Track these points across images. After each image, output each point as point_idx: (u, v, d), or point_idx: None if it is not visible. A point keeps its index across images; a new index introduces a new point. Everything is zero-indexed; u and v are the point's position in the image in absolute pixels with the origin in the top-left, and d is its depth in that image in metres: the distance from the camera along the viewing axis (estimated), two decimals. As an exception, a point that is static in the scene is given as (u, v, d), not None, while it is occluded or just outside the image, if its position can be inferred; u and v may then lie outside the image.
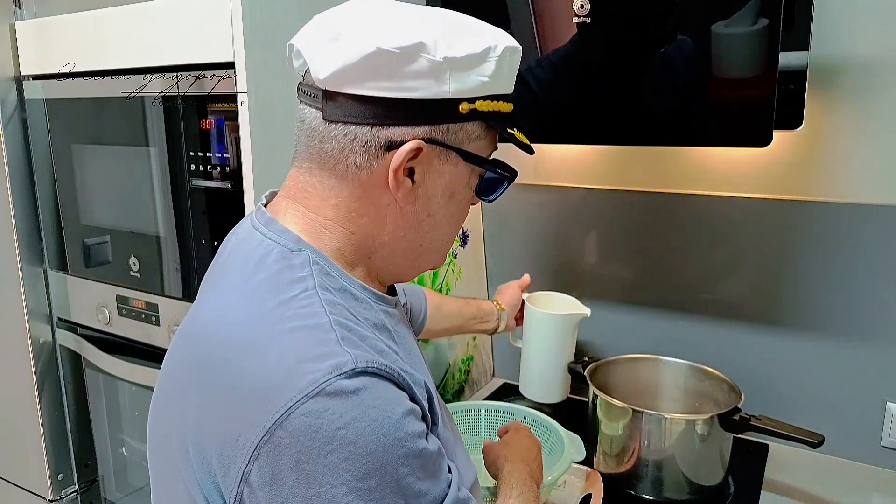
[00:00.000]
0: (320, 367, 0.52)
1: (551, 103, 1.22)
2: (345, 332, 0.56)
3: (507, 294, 1.32)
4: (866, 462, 1.28)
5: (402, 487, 0.53)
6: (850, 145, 1.21)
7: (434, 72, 0.58)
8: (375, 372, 0.54)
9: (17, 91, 1.36)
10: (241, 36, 1.00)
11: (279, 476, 0.51)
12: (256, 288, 0.60)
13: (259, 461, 0.52)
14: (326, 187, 0.63)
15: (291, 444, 0.51)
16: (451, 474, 0.60)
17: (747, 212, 1.33)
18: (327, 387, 0.51)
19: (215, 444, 0.55)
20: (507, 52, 0.62)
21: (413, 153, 0.60)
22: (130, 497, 1.50)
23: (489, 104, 0.62)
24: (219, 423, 0.55)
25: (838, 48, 1.18)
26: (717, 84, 1.06)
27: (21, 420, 1.49)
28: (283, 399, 0.51)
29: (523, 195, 1.56)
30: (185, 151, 1.14)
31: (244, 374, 0.54)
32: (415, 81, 0.58)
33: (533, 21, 1.17)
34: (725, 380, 1.22)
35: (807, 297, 1.30)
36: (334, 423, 0.51)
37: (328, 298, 0.58)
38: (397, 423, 0.53)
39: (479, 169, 0.66)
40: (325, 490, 0.50)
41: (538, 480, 0.85)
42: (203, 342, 0.60)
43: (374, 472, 0.51)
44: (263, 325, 0.56)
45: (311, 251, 0.62)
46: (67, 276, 1.41)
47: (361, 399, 0.52)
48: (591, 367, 1.28)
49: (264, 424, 0.51)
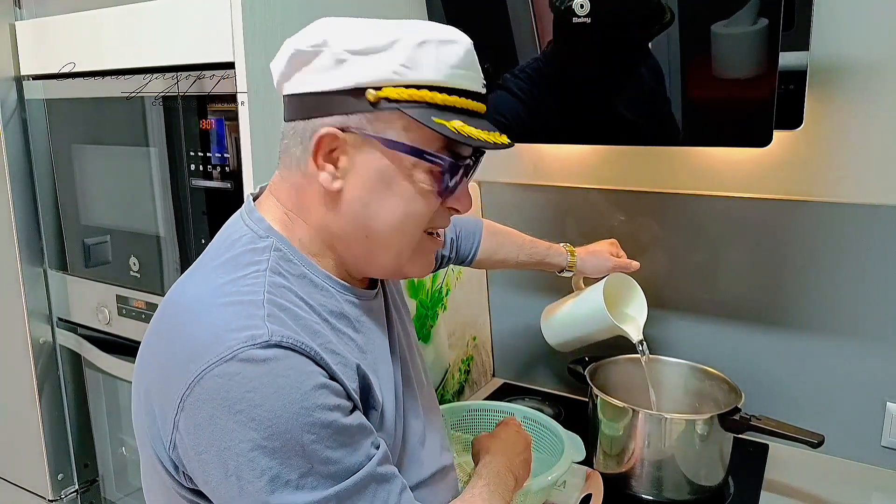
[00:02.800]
0: (238, 336, 0.58)
1: (551, 103, 1.22)
2: (274, 309, 0.61)
3: (596, 256, 1.25)
4: (866, 462, 1.28)
5: (307, 452, 0.58)
6: (850, 145, 1.21)
7: (337, 64, 0.64)
8: (290, 347, 0.59)
9: (17, 91, 1.36)
10: (241, 36, 1.00)
11: (199, 427, 0.58)
12: (219, 266, 0.66)
13: (184, 412, 0.59)
14: (285, 179, 0.70)
15: (207, 400, 0.57)
16: (377, 451, 0.64)
17: (747, 212, 1.33)
18: (240, 353, 0.57)
19: (158, 399, 0.62)
20: (431, 42, 0.64)
21: (327, 139, 0.65)
22: (130, 497, 1.50)
23: (403, 91, 0.63)
24: (163, 380, 0.62)
25: (838, 48, 1.18)
26: (717, 84, 1.06)
27: (21, 420, 1.49)
28: (203, 361, 0.57)
29: (523, 195, 1.56)
30: (185, 151, 1.14)
31: (183, 338, 0.61)
32: (323, 75, 0.64)
33: (533, 21, 1.17)
34: (725, 380, 1.22)
35: (807, 297, 1.30)
36: (243, 386, 0.56)
37: (275, 281, 0.64)
38: (305, 394, 0.58)
39: (423, 161, 0.67)
40: (234, 444, 0.57)
41: (518, 474, 0.85)
42: (165, 310, 0.67)
43: (279, 434, 0.56)
44: (209, 298, 0.63)
45: (279, 239, 0.68)
46: (67, 276, 1.41)
47: (270, 368, 0.57)
48: (591, 367, 1.28)
49: (187, 381, 0.58)
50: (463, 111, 0.66)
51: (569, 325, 1.30)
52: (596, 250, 1.26)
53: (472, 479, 0.81)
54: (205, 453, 0.58)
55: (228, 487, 0.58)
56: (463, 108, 0.66)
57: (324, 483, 0.58)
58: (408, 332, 0.85)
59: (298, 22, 0.71)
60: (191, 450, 0.59)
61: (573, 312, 1.29)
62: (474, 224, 1.18)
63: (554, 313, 1.33)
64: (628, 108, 1.15)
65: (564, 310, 1.31)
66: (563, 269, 1.24)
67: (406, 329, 0.85)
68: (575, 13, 1.10)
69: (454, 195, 0.70)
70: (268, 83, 1.04)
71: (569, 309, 1.30)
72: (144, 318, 1.28)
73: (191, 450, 0.59)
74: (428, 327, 1.40)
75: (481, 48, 0.70)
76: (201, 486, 0.61)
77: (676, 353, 1.34)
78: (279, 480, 0.57)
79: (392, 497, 0.63)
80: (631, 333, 1.24)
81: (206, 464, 0.59)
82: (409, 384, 0.79)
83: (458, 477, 0.85)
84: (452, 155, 0.68)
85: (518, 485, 0.85)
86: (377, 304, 0.77)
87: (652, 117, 1.14)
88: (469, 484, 0.80)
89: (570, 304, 1.30)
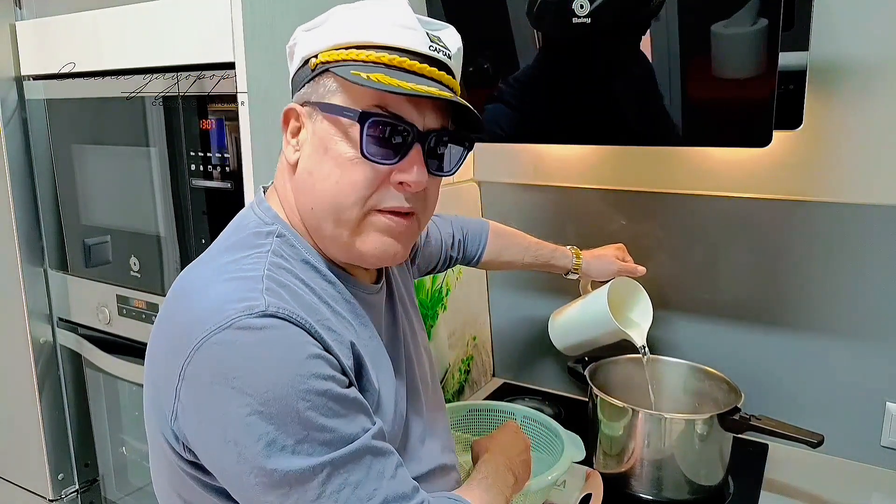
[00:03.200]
0: (236, 306, 0.59)
1: (550, 103, 1.22)
2: (273, 284, 0.63)
3: (602, 260, 1.26)
4: (866, 462, 1.28)
5: (302, 419, 0.58)
6: (850, 145, 1.21)
7: (296, 46, 0.70)
8: (285, 318, 0.60)
9: (18, 91, 1.36)
10: (241, 36, 1.00)
11: (198, 394, 0.59)
12: (225, 249, 0.69)
13: (185, 381, 0.60)
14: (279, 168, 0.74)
15: (206, 368, 0.59)
16: (373, 427, 0.64)
17: (747, 212, 1.33)
18: (237, 322, 0.58)
19: (164, 371, 0.63)
20: (364, 7, 0.67)
21: (291, 114, 0.70)
22: (131, 497, 1.50)
23: (333, 53, 0.66)
24: (168, 352, 0.63)
25: (838, 48, 1.18)
26: (717, 84, 1.06)
27: (21, 420, 1.49)
28: (202, 329, 0.59)
29: (523, 195, 1.56)
30: (185, 151, 1.14)
31: (184, 312, 0.63)
32: (292, 63, 0.72)
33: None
34: (725, 380, 1.22)
35: (807, 297, 1.30)
36: (240, 353, 0.58)
37: (275, 262, 0.66)
38: (301, 362, 0.59)
39: (348, 120, 0.65)
40: (232, 409, 0.58)
41: (518, 473, 0.85)
42: (172, 293, 0.68)
43: (275, 400, 0.57)
44: (212, 276, 0.65)
45: (283, 227, 0.70)
46: (68, 275, 1.41)
47: (266, 336, 0.59)
48: (591, 367, 1.28)
49: (187, 351, 0.59)
50: (397, 68, 0.65)
51: (574, 330, 1.30)
52: (602, 254, 1.27)
53: (471, 476, 0.81)
54: (204, 421, 0.60)
55: (227, 454, 0.59)
56: (397, 66, 0.65)
57: (320, 450, 0.59)
58: (415, 332, 0.86)
59: (299, 22, 0.71)
60: (192, 417, 0.61)
61: (578, 317, 1.29)
62: (481, 225, 1.20)
63: (560, 317, 1.33)
64: (628, 107, 1.15)
65: (570, 314, 1.31)
66: (568, 271, 1.25)
67: (413, 328, 0.86)
68: (575, 13, 1.10)
69: (397, 166, 0.66)
70: (268, 83, 1.04)
71: (574, 313, 1.30)
72: (145, 318, 1.28)
73: (192, 417, 0.61)
74: (428, 327, 1.40)
75: (481, 47, 0.70)
76: (201, 455, 0.62)
77: (676, 353, 1.34)
78: (276, 445, 0.58)
79: (388, 470, 0.63)
80: (635, 338, 1.24)
81: (206, 431, 0.60)
82: (413, 382, 0.79)
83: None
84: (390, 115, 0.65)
85: (518, 484, 0.85)
86: (379, 299, 0.77)
87: (652, 117, 1.14)
88: (468, 480, 0.80)
89: (576, 309, 1.30)
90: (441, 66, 0.68)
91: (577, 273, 1.25)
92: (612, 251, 1.28)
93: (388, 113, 0.65)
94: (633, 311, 1.30)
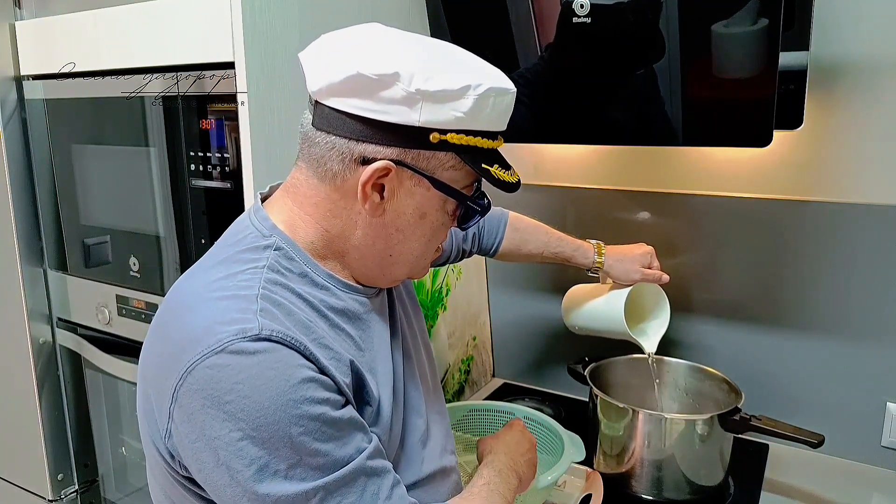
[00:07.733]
0: (229, 329, 0.59)
1: (551, 103, 1.22)
2: (267, 305, 0.63)
3: (625, 264, 1.20)
4: (866, 462, 1.28)
5: (295, 444, 0.59)
6: (850, 145, 1.21)
7: (407, 100, 0.63)
8: (279, 340, 0.60)
9: (17, 91, 1.36)
10: (241, 36, 1.00)
11: (191, 416, 0.60)
12: (219, 263, 0.68)
13: (178, 402, 0.60)
14: (310, 186, 0.70)
15: (198, 390, 0.59)
16: (369, 445, 0.64)
17: (747, 212, 1.33)
18: (230, 346, 0.58)
19: (156, 390, 0.64)
20: (492, 92, 0.66)
21: (382, 172, 0.66)
22: (130, 497, 1.50)
23: (463, 138, 0.66)
24: (160, 371, 0.63)
25: (838, 48, 1.18)
26: (718, 84, 1.06)
27: (21, 420, 1.49)
28: (195, 352, 0.59)
29: (523, 195, 1.54)
30: (185, 151, 1.14)
31: (177, 330, 0.63)
32: (389, 106, 0.64)
33: (533, 21, 1.17)
34: (725, 380, 1.22)
35: (807, 297, 1.30)
36: (233, 377, 0.58)
37: (272, 278, 0.66)
38: (294, 387, 0.59)
39: (455, 200, 0.71)
40: (224, 434, 0.58)
41: (522, 473, 0.85)
42: (164, 306, 0.69)
43: (267, 425, 0.58)
44: (205, 292, 0.65)
45: (282, 239, 0.69)
46: (67, 276, 1.41)
47: (260, 360, 0.59)
48: (591, 367, 1.28)
49: (180, 371, 0.59)
50: (495, 152, 0.71)
51: (587, 317, 1.29)
52: (626, 256, 1.20)
53: (473, 479, 0.81)
54: (197, 442, 0.60)
55: (219, 476, 0.59)
56: (494, 149, 0.71)
57: (312, 475, 0.60)
58: (416, 332, 0.86)
59: (299, 22, 0.71)
60: (185, 438, 0.61)
61: (595, 308, 1.27)
62: (499, 216, 1.17)
63: (577, 298, 1.31)
64: (628, 108, 1.15)
65: (588, 302, 1.28)
66: (588, 269, 1.21)
67: (414, 329, 0.86)
68: (575, 13, 1.10)
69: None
70: (268, 83, 1.04)
71: (592, 304, 1.27)
72: (144, 318, 1.28)
73: (185, 438, 0.61)
74: (428, 327, 1.40)
75: (482, 49, 0.70)
76: (195, 474, 0.63)
77: (676, 353, 1.34)
78: (268, 470, 0.58)
79: (383, 491, 0.64)
80: (646, 346, 1.24)
81: (199, 452, 0.60)
82: (413, 383, 0.79)
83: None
84: (475, 191, 0.73)
85: (522, 484, 0.85)
86: (379, 302, 0.78)
87: (652, 117, 1.14)
88: (469, 483, 0.80)
89: (595, 300, 1.27)
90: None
91: (598, 273, 1.21)
92: (639, 256, 1.20)
93: (483, 193, 0.74)
94: (651, 315, 1.29)
